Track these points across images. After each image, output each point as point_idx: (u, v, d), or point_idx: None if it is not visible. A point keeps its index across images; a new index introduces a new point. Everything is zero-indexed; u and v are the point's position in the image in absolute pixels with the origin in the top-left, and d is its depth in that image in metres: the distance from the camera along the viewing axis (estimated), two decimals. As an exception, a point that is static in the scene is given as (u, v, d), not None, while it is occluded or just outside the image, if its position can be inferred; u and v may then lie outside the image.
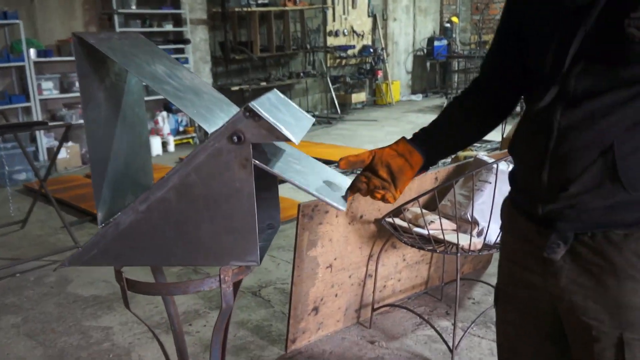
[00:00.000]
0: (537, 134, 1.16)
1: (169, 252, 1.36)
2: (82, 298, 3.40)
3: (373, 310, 2.88)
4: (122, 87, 1.45)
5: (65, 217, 4.47)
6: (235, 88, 8.45)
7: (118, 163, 1.43)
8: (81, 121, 7.05)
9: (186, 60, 8.01)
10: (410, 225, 2.54)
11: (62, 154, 6.87)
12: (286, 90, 9.65)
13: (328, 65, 10.48)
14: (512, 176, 1.32)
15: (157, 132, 7.81)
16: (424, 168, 1.36)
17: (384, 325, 2.91)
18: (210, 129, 1.26)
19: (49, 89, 6.84)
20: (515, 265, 1.31)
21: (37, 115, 6.73)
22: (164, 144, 7.74)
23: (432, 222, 2.52)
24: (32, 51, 6.56)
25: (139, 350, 2.81)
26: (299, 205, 2.46)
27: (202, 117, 1.32)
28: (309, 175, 1.40)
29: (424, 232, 2.47)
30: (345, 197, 1.34)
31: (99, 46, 1.24)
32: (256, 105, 1.23)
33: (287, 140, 1.23)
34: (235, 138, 1.24)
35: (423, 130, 1.35)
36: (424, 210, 2.67)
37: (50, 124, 4.52)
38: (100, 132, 1.34)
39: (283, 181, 1.33)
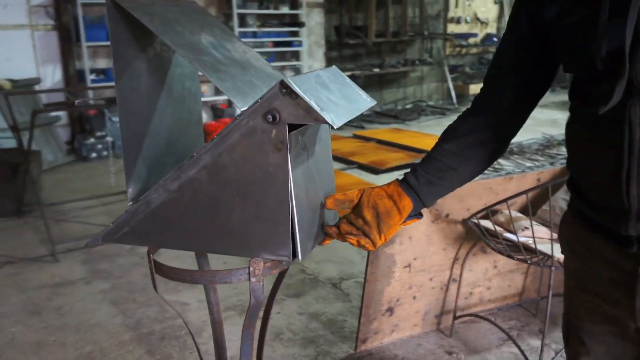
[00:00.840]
0: (609, 139, 0.93)
1: (199, 237, 1.26)
2: (167, 271, 3.46)
3: (455, 318, 2.64)
4: (169, 58, 1.35)
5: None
6: (347, 74, 8.31)
7: (159, 139, 1.35)
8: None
9: (300, 44, 8.01)
10: (498, 229, 2.27)
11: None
12: (400, 78, 9.39)
13: (447, 53, 10.05)
14: (577, 190, 1.07)
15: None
16: (416, 215, 1.21)
17: (467, 335, 2.66)
18: (243, 106, 1.12)
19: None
20: (590, 296, 1.07)
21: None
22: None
23: (525, 228, 2.24)
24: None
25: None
26: (376, 198, 2.28)
27: (239, 92, 1.19)
28: (317, 191, 1.27)
29: (514, 238, 2.20)
30: (316, 243, 1.26)
31: (134, 11, 1.15)
32: (293, 81, 1.08)
33: (325, 123, 1.07)
34: (269, 117, 1.10)
35: (415, 169, 1.21)
36: (518, 214, 2.38)
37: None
38: (137, 105, 1.26)
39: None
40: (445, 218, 2.45)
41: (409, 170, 1.24)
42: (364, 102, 1.31)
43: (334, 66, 1.36)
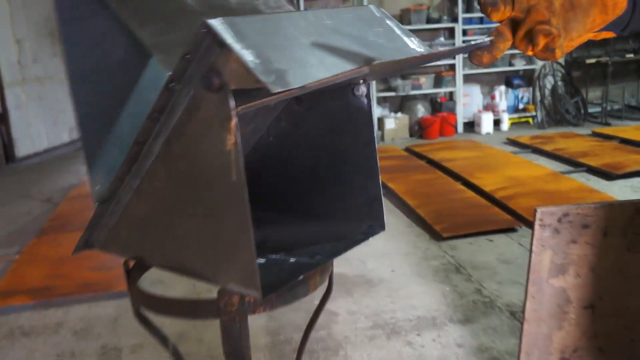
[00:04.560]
0: None
1: (167, 250, 0.93)
2: (329, 274, 3.19)
3: (665, 388, 1.86)
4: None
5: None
6: (592, 61, 7.13)
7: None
8: (414, 92, 6.96)
9: (534, 28, 7.08)
10: None
11: (391, 125, 6.90)
12: (666, 64, 7.75)
13: None
14: None
15: (491, 108, 7.18)
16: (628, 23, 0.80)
17: (684, 416, 1.85)
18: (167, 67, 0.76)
19: (385, 59, 6.90)
20: None
21: (372, 84, 6.88)
22: (496, 122, 7.06)
23: None
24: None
25: (350, 350, 2.44)
26: (535, 210, 1.68)
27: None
28: None
29: None
30: None
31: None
32: (226, 24, 0.68)
33: (261, 85, 0.65)
34: (208, 80, 0.72)
35: None
36: None
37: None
38: (106, 75, 0.97)
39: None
40: (652, 246, 1.71)
41: None
42: (404, 48, 0.83)
43: (371, 5, 0.90)
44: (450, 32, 7.07)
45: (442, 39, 7.10)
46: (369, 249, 3.48)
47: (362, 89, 0.94)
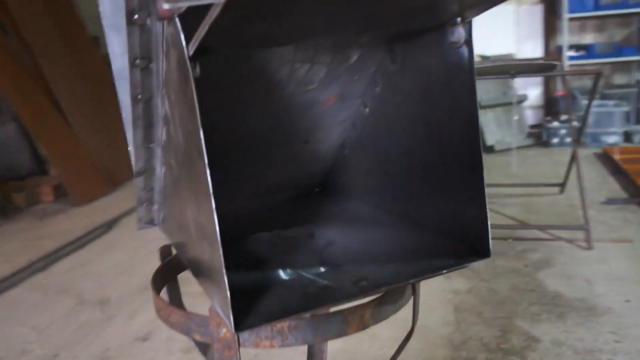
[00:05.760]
0: None
1: (185, 244, 0.73)
2: (542, 291, 2.69)
3: None
4: None
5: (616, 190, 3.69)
6: None
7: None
8: None
9: None
10: None
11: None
12: None
13: None
14: None
15: None
16: None
17: None
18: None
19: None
20: None
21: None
22: None
23: None
24: (657, -6, 5.56)
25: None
26: None
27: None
28: None
29: None
30: None
31: None
32: None
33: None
34: (154, 4, 0.50)
35: None
36: None
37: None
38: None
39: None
40: None
41: None
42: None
43: None
44: None
45: None
46: (602, 268, 2.85)
47: (460, 33, 0.60)
